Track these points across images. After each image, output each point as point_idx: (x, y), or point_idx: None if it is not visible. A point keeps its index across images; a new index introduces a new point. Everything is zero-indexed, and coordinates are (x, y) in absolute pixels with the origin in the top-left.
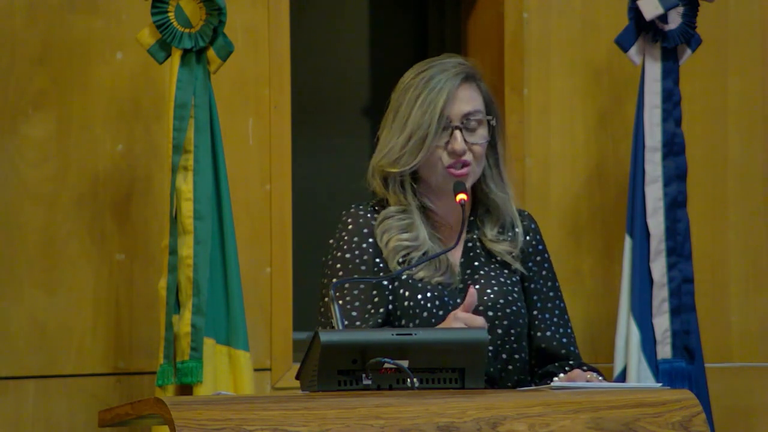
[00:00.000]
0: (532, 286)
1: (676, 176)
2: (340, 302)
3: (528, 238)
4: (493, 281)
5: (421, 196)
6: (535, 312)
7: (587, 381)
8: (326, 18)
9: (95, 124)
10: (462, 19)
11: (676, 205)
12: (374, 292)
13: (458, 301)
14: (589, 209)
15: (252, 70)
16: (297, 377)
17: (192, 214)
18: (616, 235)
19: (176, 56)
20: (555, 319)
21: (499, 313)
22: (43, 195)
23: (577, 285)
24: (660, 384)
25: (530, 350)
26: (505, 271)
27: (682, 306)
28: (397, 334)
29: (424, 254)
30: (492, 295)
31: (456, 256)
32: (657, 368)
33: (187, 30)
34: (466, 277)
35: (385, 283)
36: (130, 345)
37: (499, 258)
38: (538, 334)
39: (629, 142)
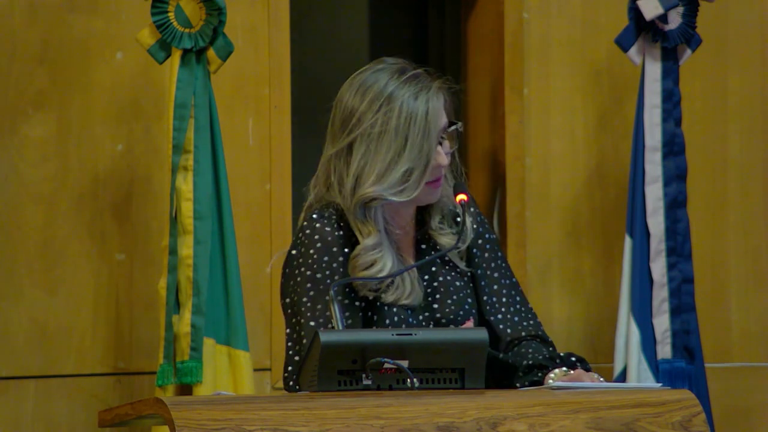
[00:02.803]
0: (479, 272)
1: (676, 176)
2: (312, 323)
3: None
4: (451, 288)
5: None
6: (485, 297)
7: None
8: (326, 18)
9: (95, 124)
10: (462, 19)
11: (676, 205)
12: (347, 314)
13: (420, 318)
14: (589, 209)
15: (252, 70)
16: (296, 377)
17: (192, 214)
18: (616, 235)
19: (176, 56)
20: (503, 299)
21: (460, 326)
22: (43, 195)
23: (577, 285)
24: (660, 384)
25: (491, 333)
26: (458, 273)
27: (682, 306)
28: (397, 334)
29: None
30: (453, 306)
31: (411, 262)
32: (657, 368)
33: (187, 30)
34: (425, 284)
35: (357, 303)
36: (130, 345)
37: (447, 257)
38: (493, 317)
39: (629, 142)
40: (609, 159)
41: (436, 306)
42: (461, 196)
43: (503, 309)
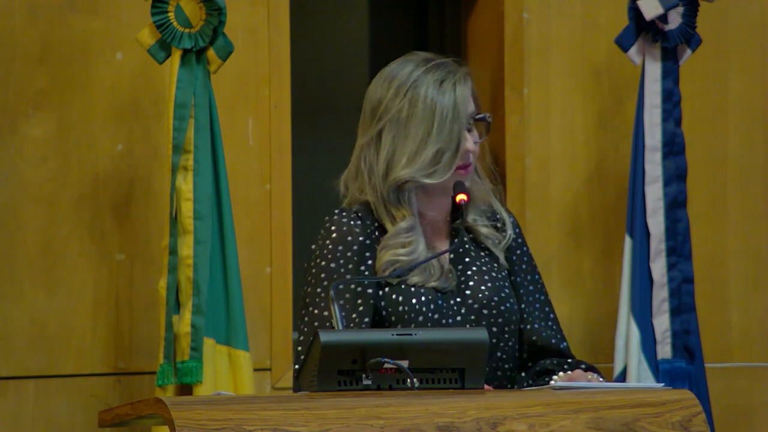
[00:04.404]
0: (518, 279)
1: (676, 176)
2: (325, 313)
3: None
4: (486, 276)
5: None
6: (523, 305)
7: (588, 381)
8: (326, 18)
9: (95, 124)
10: (462, 19)
11: (676, 205)
12: (359, 301)
13: (451, 302)
14: (589, 209)
15: (252, 70)
16: (296, 377)
17: (192, 214)
18: (616, 235)
19: (176, 56)
20: (536, 313)
21: (494, 311)
22: (43, 195)
23: (577, 285)
24: (662, 384)
25: (520, 344)
26: (495, 265)
27: (682, 306)
28: (397, 334)
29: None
30: (486, 292)
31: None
32: (657, 368)
33: (187, 30)
34: (458, 273)
35: (370, 291)
36: (130, 345)
37: (486, 251)
38: (528, 327)
39: (629, 142)
40: (609, 159)
41: (468, 292)
42: (461, 196)
43: (536, 324)
